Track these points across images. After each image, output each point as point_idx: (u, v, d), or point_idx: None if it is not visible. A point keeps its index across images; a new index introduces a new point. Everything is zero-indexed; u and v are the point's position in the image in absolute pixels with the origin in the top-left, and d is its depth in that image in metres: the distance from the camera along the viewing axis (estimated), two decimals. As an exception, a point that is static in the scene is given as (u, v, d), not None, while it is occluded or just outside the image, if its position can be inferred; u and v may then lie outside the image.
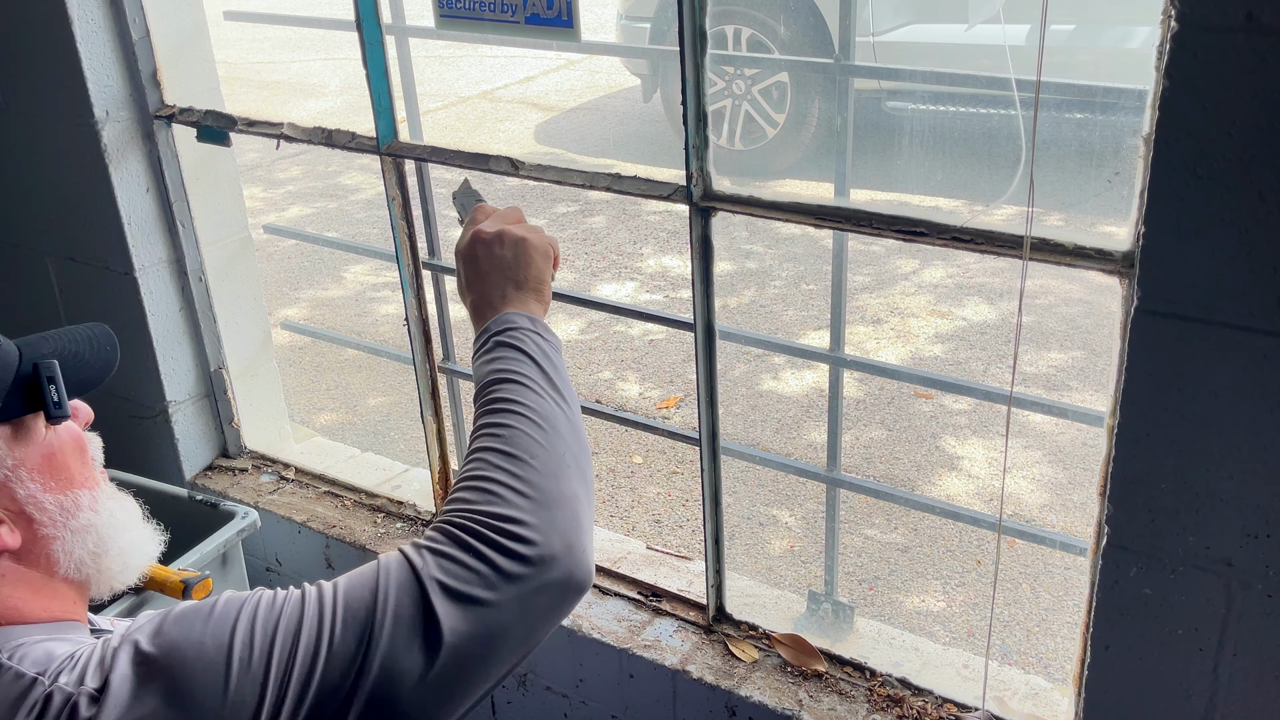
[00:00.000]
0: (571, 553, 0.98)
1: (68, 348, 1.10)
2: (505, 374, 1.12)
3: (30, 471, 1.03)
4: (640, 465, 3.36)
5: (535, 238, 1.25)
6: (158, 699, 0.89)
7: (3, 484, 1.02)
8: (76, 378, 1.08)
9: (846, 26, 1.54)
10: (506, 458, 1.03)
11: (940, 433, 3.41)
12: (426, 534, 0.99)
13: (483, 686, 0.96)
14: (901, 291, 4.37)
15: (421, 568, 0.93)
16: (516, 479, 1.01)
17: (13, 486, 1.02)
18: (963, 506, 2.72)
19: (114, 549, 1.08)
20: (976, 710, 1.52)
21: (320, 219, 5.55)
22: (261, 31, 9.29)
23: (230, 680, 0.89)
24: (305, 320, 4.46)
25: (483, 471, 1.02)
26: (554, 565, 0.97)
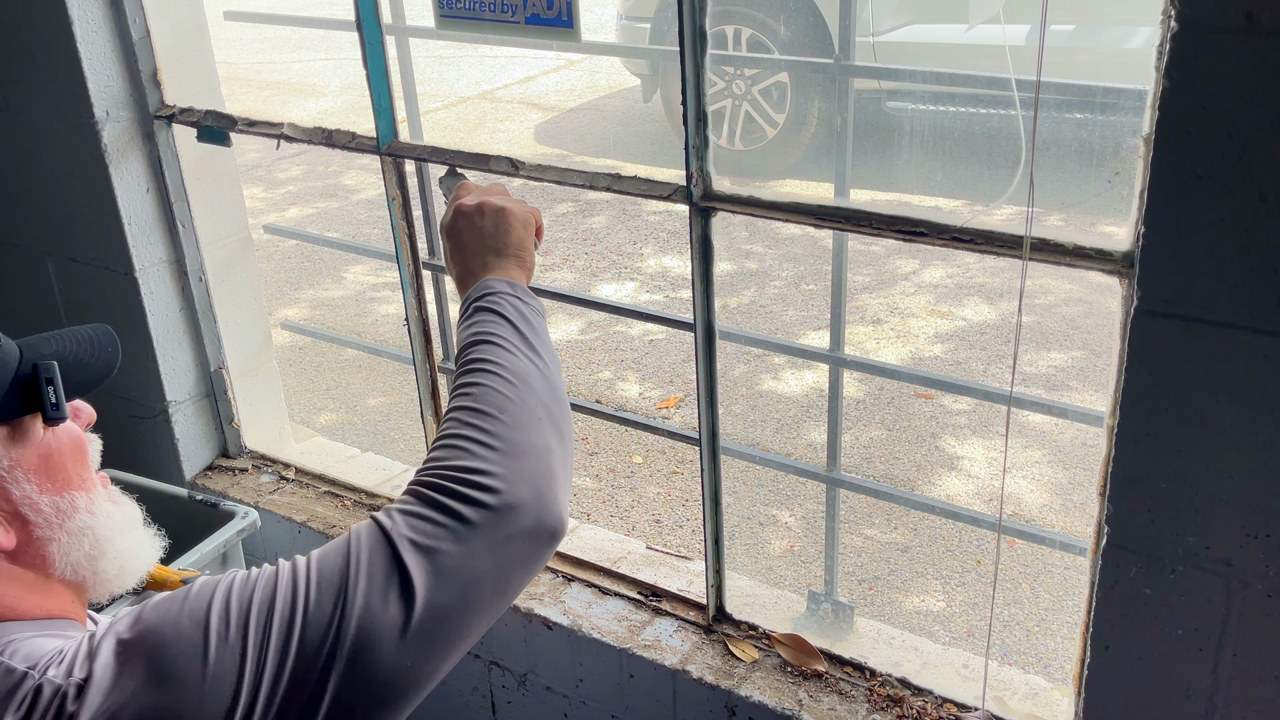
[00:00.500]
0: (542, 500, 1.00)
1: (68, 349, 1.10)
2: (481, 335, 1.14)
3: (26, 472, 1.04)
4: (640, 465, 3.36)
5: (515, 207, 1.28)
6: (139, 680, 0.89)
7: (10, 478, 1.02)
8: (76, 379, 1.09)
9: (846, 26, 1.54)
10: (475, 414, 1.05)
11: (940, 433, 3.41)
12: (398, 497, 1.01)
13: (463, 640, 0.97)
14: (901, 291, 4.37)
15: (391, 527, 0.95)
16: (484, 433, 1.03)
17: (8, 487, 1.02)
18: (962, 506, 2.73)
19: (110, 552, 1.08)
20: (976, 710, 1.52)
21: (320, 219, 5.55)
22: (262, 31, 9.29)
23: (209, 655, 0.89)
24: (305, 320, 4.46)
25: (452, 430, 1.04)
26: (522, 513, 0.98)
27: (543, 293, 2.09)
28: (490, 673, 1.91)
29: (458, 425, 1.04)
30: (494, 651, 1.88)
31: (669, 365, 3.95)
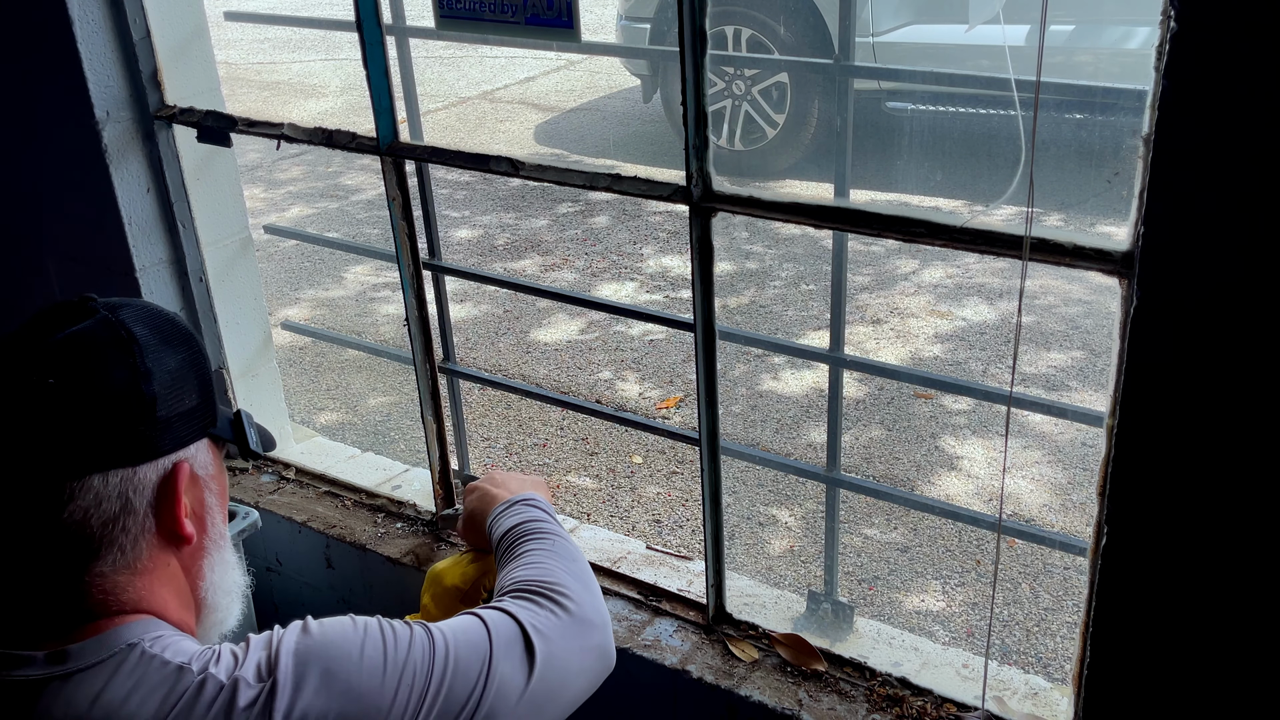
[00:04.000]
0: (606, 629, 1.26)
1: (247, 413, 1.21)
2: (529, 519, 1.41)
3: (215, 487, 1.12)
4: (640, 465, 3.37)
5: (514, 477, 1.55)
6: (323, 691, 1.00)
7: (203, 482, 1.10)
8: (261, 433, 1.21)
9: (846, 27, 1.54)
10: (552, 555, 1.31)
11: (940, 433, 3.41)
12: (500, 599, 1.24)
13: (552, 713, 1.19)
14: (901, 291, 4.37)
15: (513, 611, 1.19)
16: (563, 567, 1.29)
17: (204, 492, 1.10)
18: (962, 506, 2.73)
19: (235, 595, 1.16)
20: (976, 710, 1.52)
21: (321, 219, 5.55)
22: (262, 32, 9.29)
23: (385, 676, 1.04)
24: (306, 320, 4.46)
25: (534, 560, 1.30)
26: (595, 629, 1.24)
27: (543, 292, 2.09)
28: (490, 673, 1.91)
29: (539, 556, 1.31)
30: (494, 651, 1.88)
31: (669, 365, 3.95)
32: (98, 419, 1.00)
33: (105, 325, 1.04)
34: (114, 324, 1.04)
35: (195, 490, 1.09)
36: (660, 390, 3.79)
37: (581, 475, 3.33)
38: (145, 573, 1.05)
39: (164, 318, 1.10)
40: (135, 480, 1.03)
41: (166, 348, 1.07)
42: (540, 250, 5.01)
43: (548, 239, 5.13)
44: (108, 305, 1.07)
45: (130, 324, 1.05)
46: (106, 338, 1.04)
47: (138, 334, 1.05)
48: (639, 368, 3.95)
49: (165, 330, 1.08)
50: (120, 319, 1.05)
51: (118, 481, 1.02)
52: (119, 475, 1.02)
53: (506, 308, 4.47)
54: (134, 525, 1.03)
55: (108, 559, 1.03)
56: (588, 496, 3.22)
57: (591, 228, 5.23)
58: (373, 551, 1.97)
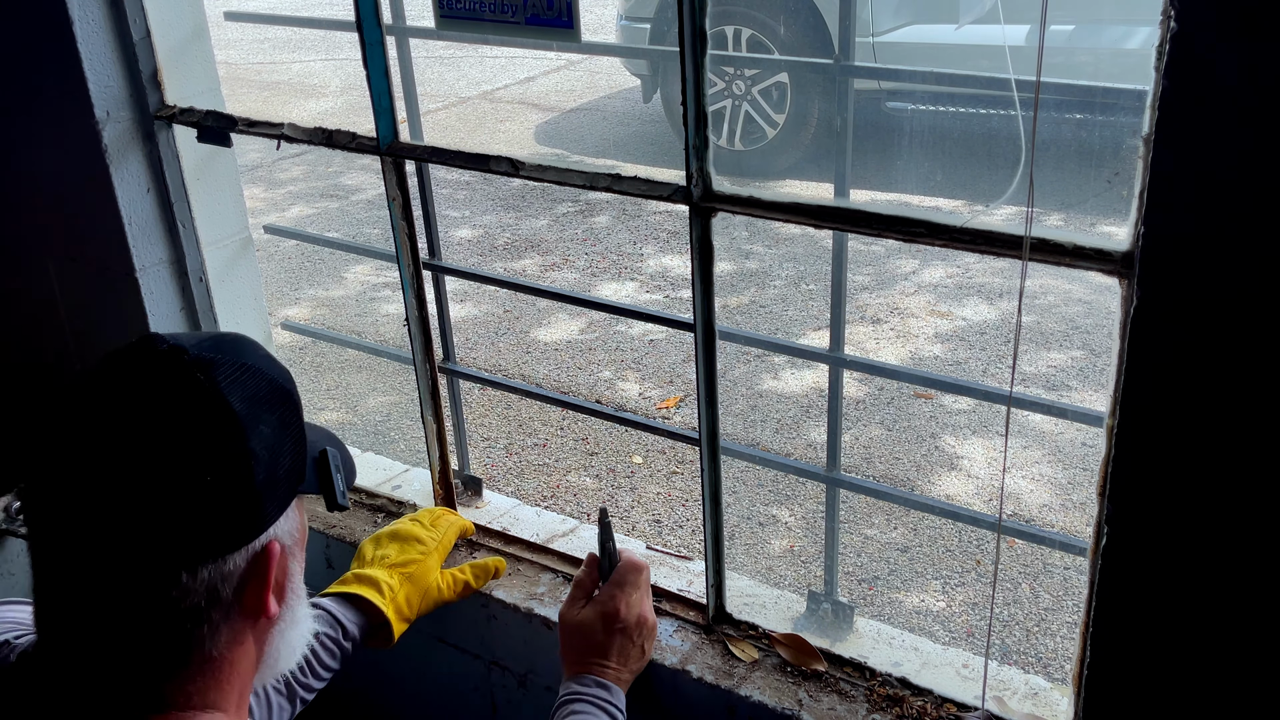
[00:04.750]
0: None
1: (337, 446, 1.12)
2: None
3: (298, 550, 1.03)
4: (640, 465, 3.37)
5: (654, 621, 1.57)
6: None
7: (287, 555, 1.00)
8: (347, 472, 1.12)
9: (846, 27, 1.54)
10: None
11: (940, 432, 3.41)
12: None
13: None
14: (901, 291, 4.37)
15: None
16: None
17: (290, 561, 1.01)
18: (962, 506, 2.73)
19: (293, 653, 1.07)
20: (976, 710, 1.52)
21: (321, 219, 5.55)
22: (262, 32, 9.30)
23: None
24: (306, 320, 4.46)
25: None
26: None
27: (543, 292, 2.09)
28: (490, 673, 1.91)
29: None
30: (494, 651, 1.88)
31: (669, 365, 3.95)
32: (193, 514, 0.91)
33: (204, 400, 0.94)
34: (214, 397, 0.94)
35: (283, 563, 1.00)
36: (660, 390, 3.79)
37: (581, 475, 3.33)
38: (222, 666, 0.97)
39: (258, 375, 0.99)
40: (224, 570, 0.94)
41: (265, 412, 0.97)
42: (540, 250, 5.01)
43: (548, 239, 5.13)
44: (201, 366, 0.95)
45: (230, 393, 0.94)
46: (208, 420, 0.93)
47: (238, 410, 0.94)
48: (639, 368, 3.95)
49: (262, 391, 0.98)
50: (220, 388, 0.94)
51: (206, 575, 0.93)
52: (208, 569, 0.93)
53: (506, 307, 4.47)
54: (219, 617, 0.95)
55: (187, 663, 0.95)
56: (588, 496, 3.22)
57: (592, 228, 5.23)
58: (373, 551, 1.97)
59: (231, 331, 1.09)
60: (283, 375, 1.03)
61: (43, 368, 2.28)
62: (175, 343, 0.98)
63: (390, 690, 2.11)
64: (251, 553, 0.95)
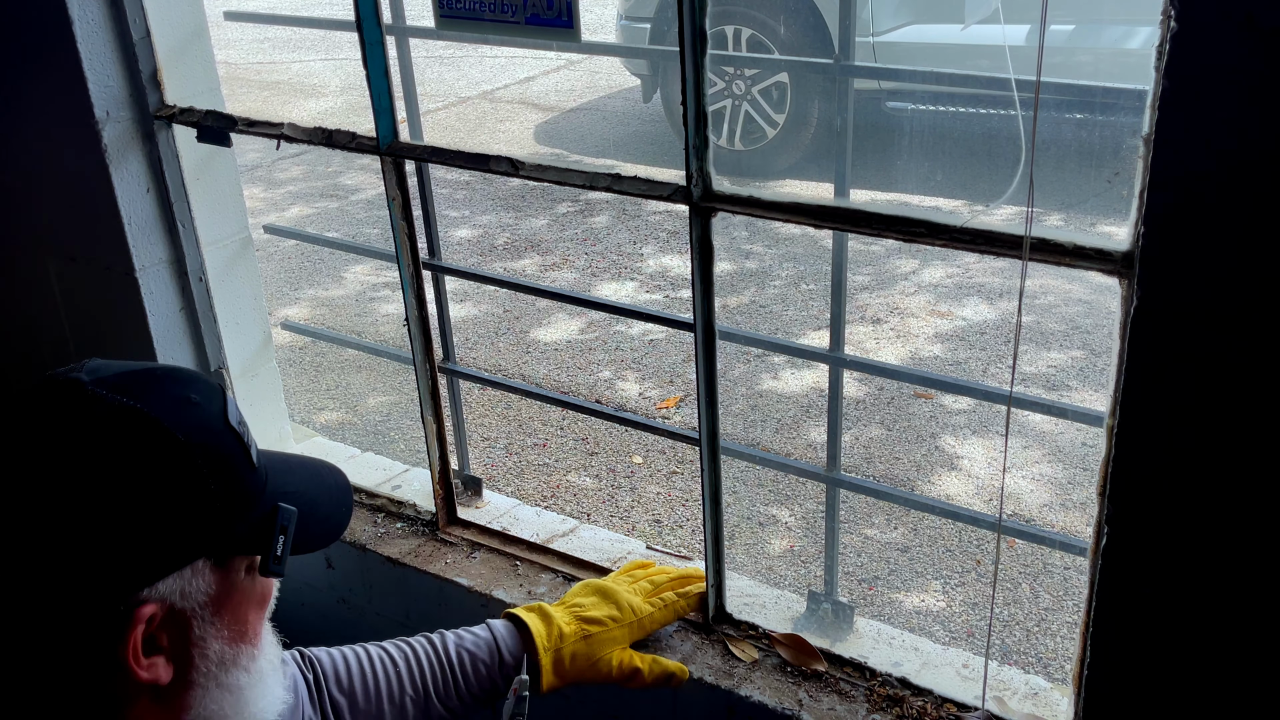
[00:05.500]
0: None
1: (308, 492, 1.06)
2: None
3: (214, 613, 0.98)
4: (640, 465, 3.36)
5: None
6: None
7: (187, 617, 0.96)
8: (305, 534, 1.05)
9: (846, 27, 1.54)
10: None
11: (940, 432, 3.41)
12: None
13: None
14: (901, 291, 4.37)
15: None
16: None
17: (193, 621, 0.97)
18: (962, 506, 2.73)
19: (245, 714, 1.03)
20: (976, 710, 1.52)
21: (321, 219, 5.55)
22: (262, 32, 9.30)
23: None
24: (306, 320, 4.46)
25: None
26: None
27: (543, 292, 2.09)
28: (490, 673, 1.91)
29: None
30: (494, 651, 1.88)
31: (669, 365, 3.95)
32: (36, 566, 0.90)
33: (39, 442, 0.91)
34: (52, 441, 0.91)
35: (176, 626, 0.96)
36: (660, 390, 3.79)
37: (581, 475, 3.33)
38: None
39: (136, 420, 0.93)
40: (71, 627, 0.91)
41: (121, 463, 0.92)
42: (540, 250, 5.01)
43: (547, 239, 5.13)
44: (68, 400, 0.93)
45: (75, 437, 0.91)
46: (43, 465, 0.91)
47: (77, 458, 0.91)
48: (639, 368, 3.95)
49: (138, 441, 0.93)
50: (62, 431, 0.91)
51: (59, 632, 0.91)
52: (51, 627, 0.91)
53: (506, 307, 4.47)
54: (102, 676, 0.93)
55: None
56: (588, 496, 3.22)
57: (591, 227, 5.23)
58: (372, 551, 1.97)
59: (163, 366, 1.03)
60: (197, 425, 0.96)
61: (43, 368, 2.28)
62: (70, 375, 0.95)
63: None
64: (110, 612, 0.91)
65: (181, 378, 1.00)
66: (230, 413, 1.01)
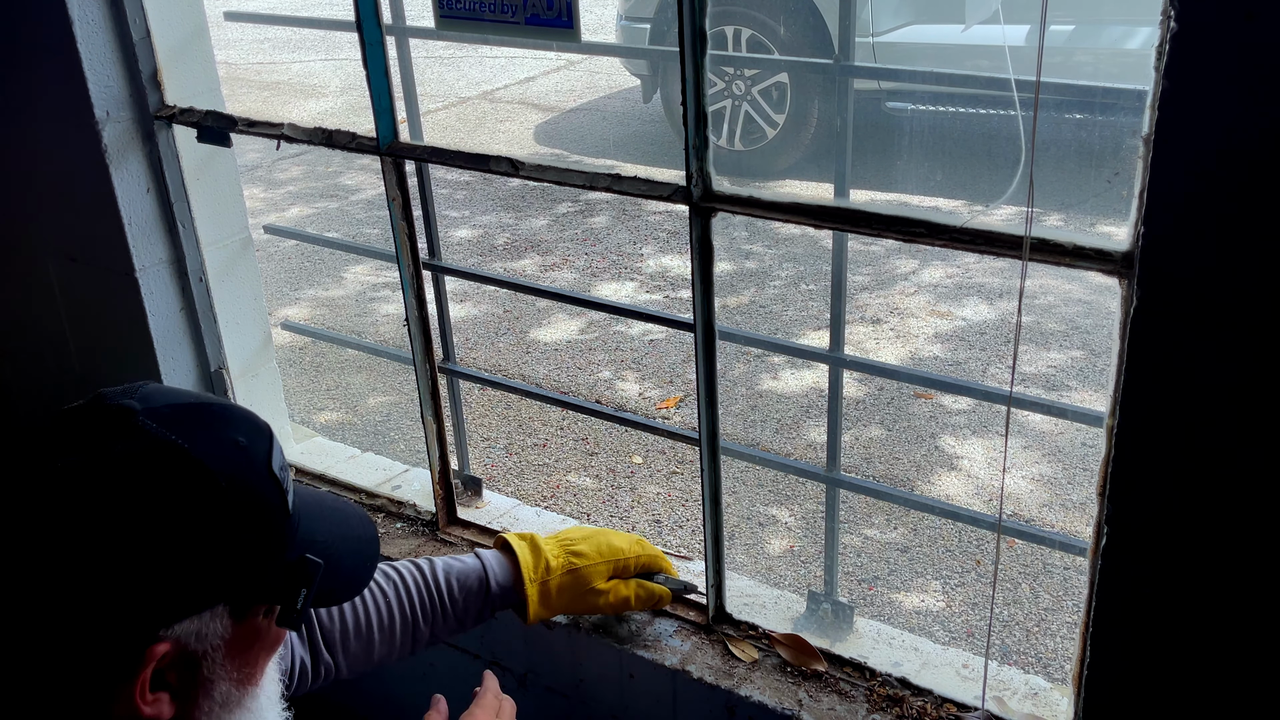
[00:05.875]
0: None
1: (336, 546, 1.06)
2: None
3: (225, 655, 0.99)
4: (640, 465, 3.36)
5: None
6: None
7: (198, 658, 0.97)
8: (326, 588, 1.04)
9: (846, 27, 1.54)
10: None
11: (940, 432, 3.41)
12: None
13: None
14: (901, 291, 4.37)
15: None
16: None
17: (203, 663, 0.97)
18: (962, 506, 2.73)
19: None
20: (976, 710, 1.52)
21: (321, 219, 5.55)
22: (262, 32, 9.30)
23: None
24: (306, 320, 4.46)
25: None
26: None
27: (543, 292, 2.09)
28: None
29: None
30: (494, 651, 1.88)
31: (669, 365, 3.95)
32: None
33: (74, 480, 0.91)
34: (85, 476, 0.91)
35: (185, 665, 0.96)
36: (660, 390, 3.79)
37: (581, 475, 3.33)
38: None
39: (177, 458, 0.93)
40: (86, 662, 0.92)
41: (158, 505, 0.92)
42: (540, 250, 5.02)
43: (547, 239, 5.13)
44: (111, 423, 0.93)
45: (119, 474, 0.91)
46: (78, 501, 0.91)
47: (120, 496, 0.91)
48: (639, 368, 3.95)
49: (179, 483, 0.93)
50: (94, 469, 0.91)
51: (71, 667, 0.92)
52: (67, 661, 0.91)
53: (506, 308, 4.47)
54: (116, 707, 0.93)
55: None
56: (588, 496, 3.22)
57: (591, 228, 5.23)
58: (373, 551, 1.96)
59: (218, 402, 1.04)
60: (241, 470, 0.96)
61: (43, 368, 2.28)
62: (122, 402, 0.95)
63: (391, 690, 2.10)
64: (126, 647, 0.92)
65: (233, 418, 1.00)
66: (275, 458, 1.01)
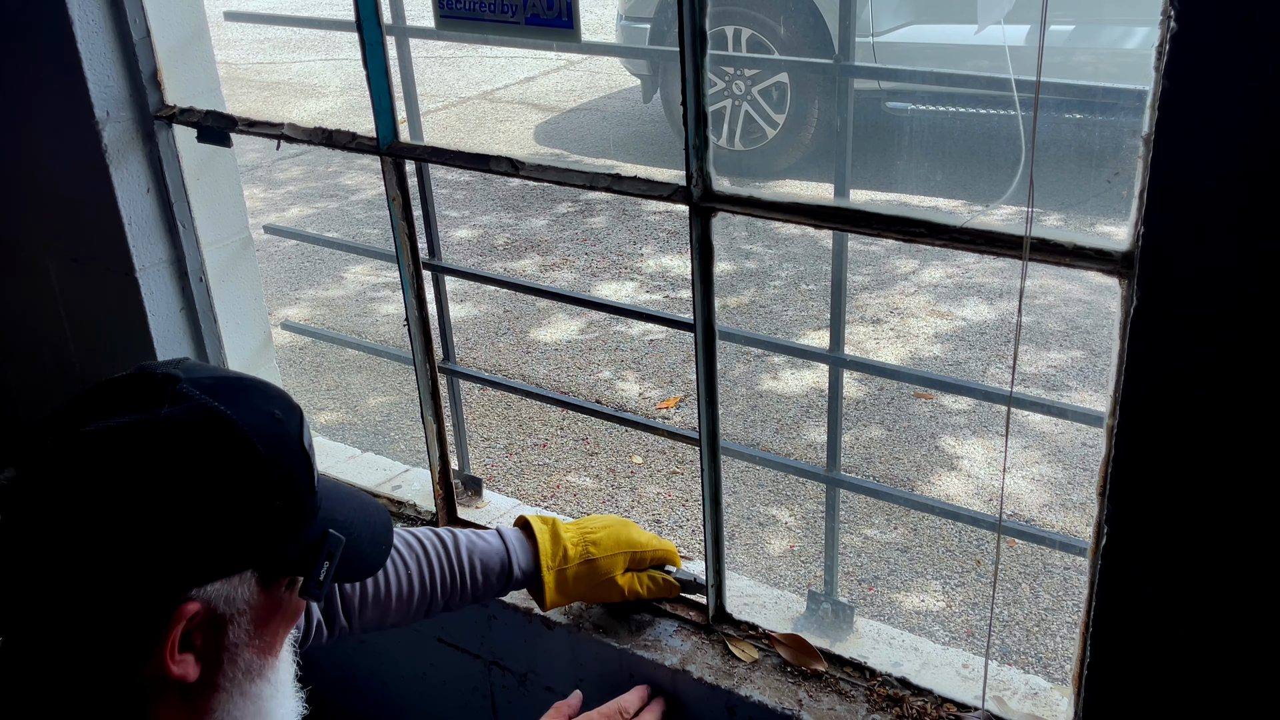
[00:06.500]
0: None
1: (355, 524, 1.09)
2: None
3: (250, 621, 1.01)
4: (640, 465, 3.37)
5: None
6: None
7: (225, 621, 0.99)
8: (345, 564, 1.07)
9: (846, 27, 1.54)
10: None
11: (940, 433, 3.41)
12: None
13: None
14: (901, 291, 4.37)
15: None
16: None
17: (229, 628, 1.00)
18: (962, 506, 2.73)
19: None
20: (976, 710, 1.52)
21: (321, 219, 5.55)
22: (262, 32, 9.30)
23: None
24: (306, 320, 4.46)
25: None
26: None
27: (543, 292, 2.09)
28: (490, 673, 1.91)
29: None
30: (494, 651, 1.88)
31: (669, 365, 3.95)
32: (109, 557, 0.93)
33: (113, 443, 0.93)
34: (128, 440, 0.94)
35: (211, 627, 0.99)
36: (660, 390, 3.79)
37: (581, 475, 3.33)
38: None
39: (216, 424, 0.96)
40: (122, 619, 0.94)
41: (202, 470, 0.95)
42: (540, 250, 5.02)
43: (547, 239, 5.13)
44: (154, 389, 0.96)
45: (160, 440, 0.94)
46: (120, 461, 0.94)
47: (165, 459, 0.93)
48: (639, 368, 3.95)
49: (219, 449, 0.96)
50: (145, 432, 0.94)
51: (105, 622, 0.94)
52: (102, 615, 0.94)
53: (506, 308, 4.47)
54: (144, 669, 0.96)
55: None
56: (588, 496, 3.22)
57: (591, 228, 5.23)
58: (373, 551, 1.96)
59: (252, 377, 1.07)
60: (276, 440, 0.99)
61: (43, 368, 2.28)
62: (166, 371, 0.98)
63: (390, 690, 2.11)
64: (159, 604, 0.94)
65: (269, 392, 1.04)
66: (305, 435, 1.04)
